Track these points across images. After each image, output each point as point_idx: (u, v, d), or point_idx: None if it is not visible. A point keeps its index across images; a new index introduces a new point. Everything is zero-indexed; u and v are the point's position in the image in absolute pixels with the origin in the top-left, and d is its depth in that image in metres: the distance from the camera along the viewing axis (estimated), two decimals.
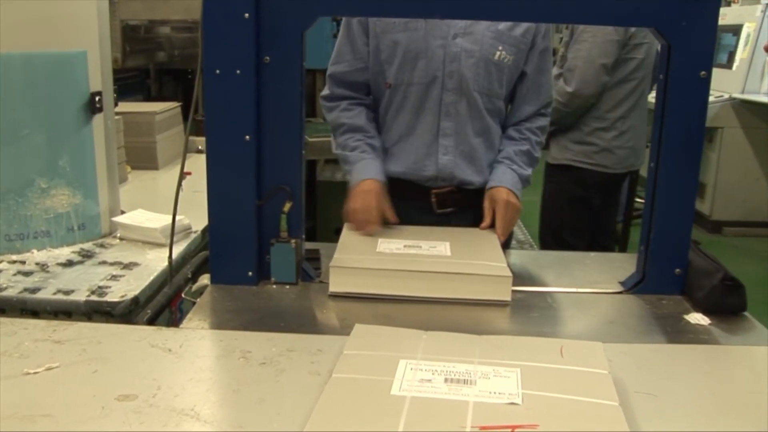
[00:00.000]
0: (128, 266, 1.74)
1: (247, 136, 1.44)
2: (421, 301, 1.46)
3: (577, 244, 3.09)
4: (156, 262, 1.77)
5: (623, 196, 3.53)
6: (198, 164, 1.66)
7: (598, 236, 3.23)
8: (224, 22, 1.40)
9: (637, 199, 3.70)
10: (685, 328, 1.37)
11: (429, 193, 1.90)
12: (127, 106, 2.78)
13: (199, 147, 2.82)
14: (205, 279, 1.53)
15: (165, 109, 2.91)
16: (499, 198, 1.78)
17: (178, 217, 1.57)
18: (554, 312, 1.45)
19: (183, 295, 1.52)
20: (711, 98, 1.76)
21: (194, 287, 1.54)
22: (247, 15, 1.39)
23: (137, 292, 1.58)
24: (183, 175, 1.51)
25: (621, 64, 2.92)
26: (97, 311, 1.54)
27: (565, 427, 0.93)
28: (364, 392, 1.01)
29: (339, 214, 1.82)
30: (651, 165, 1.49)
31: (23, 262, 1.75)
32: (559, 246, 3.08)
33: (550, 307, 1.47)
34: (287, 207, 1.50)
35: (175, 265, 1.63)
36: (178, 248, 1.83)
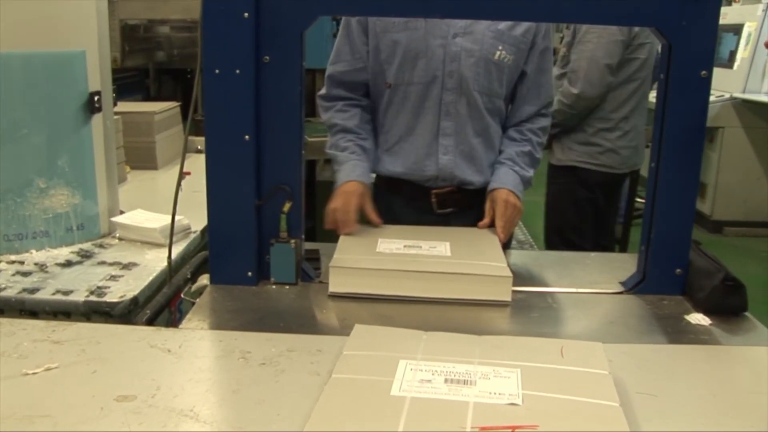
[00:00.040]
0: (127, 266, 1.74)
1: (247, 136, 1.44)
2: (421, 301, 1.46)
3: (584, 245, 3.09)
4: (155, 262, 1.77)
5: (622, 196, 3.53)
6: (197, 164, 1.65)
7: (598, 236, 3.23)
8: (224, 21, 1.39)
9: (638, 199, 3.70)
10: (685, 329, 1.36)
11: (429, 193, 1.90)
12: (126, 106, 2.78)
13: (199, 147, 2.81)
14: (204, 279, 1.53)
15: (164, 108, 2.91)
16: (500, 199, 1.78)
17: (178, 217, 1.57)
18: (555, 312, 1.45)
19: (182, 296, 1.52)
20: (712, 98, 1.75)
21: (193, 287, 1.53)
22: (246, 14, 1.39)
23: (136, 292, 1.58)
24: (182, 175, 1.51)
25: (625, 64, 2.91)
26: (96, 311, 1.54)
27: (566, 428, 0.93)
28: (364, 393, 1.01)
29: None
30: (652, 165, 1.49)
31: (22, 263, 1.75)
32: (567, 247, 3.07)
33: (551, 307, 1.47)
34: (287, 207, 1.50)
35: (175, 266, 1.63)
36: (178, 248, 1.82)
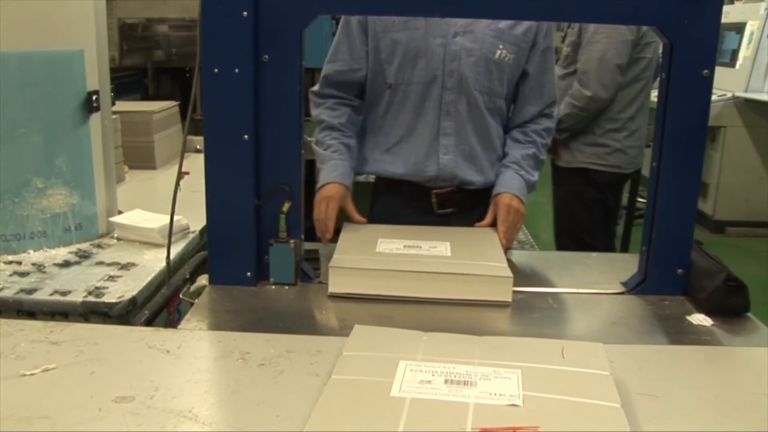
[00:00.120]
0: (126, 267, 1.74)
1: (246, 136, 1.44)
2: (421, 301, 1.45)
3: (596, 245, 3.09)
4: (154, 262, 1.76)
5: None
6: (196, 164, 1.65)
7: (606, 236, 3.22)
8: (223, 20, 1.39)
9: (639, 199, 3.69)
10: (687, 329, 1.36)
11: (429, 193, 1.89)
12: (125, 105, 2.78)
13: (198, 146, 2.81)
14: (203, 279, 1.53)
15: (163, 108, 2.90)
16: (503, 203, 1.77)
17: (176, 217, 1.56)
18: (555, 313, 1.45)
19: (181, 296, 1.51)
20: (714, 97, 1.75)
21: (192, 288, 1.53)
22: (245, 13, 1.38)
23: (135, 292, 1.58)
24: (181, 174, 1.51)
25: (632, 63, 2.90)
26: (95, 312, 1.54)
27: (567, 429, 0.93)
28: (364, 394, 1.00)
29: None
30: (653, 164, 1.48)
31: (19, 263, 1.74)
32: (580, 248, 3.05)
33: (551, 307, 1.46)
34: (286, 207, 1.49)
35: (173, 266, 1.62)
36: (176, 248, 1.82)
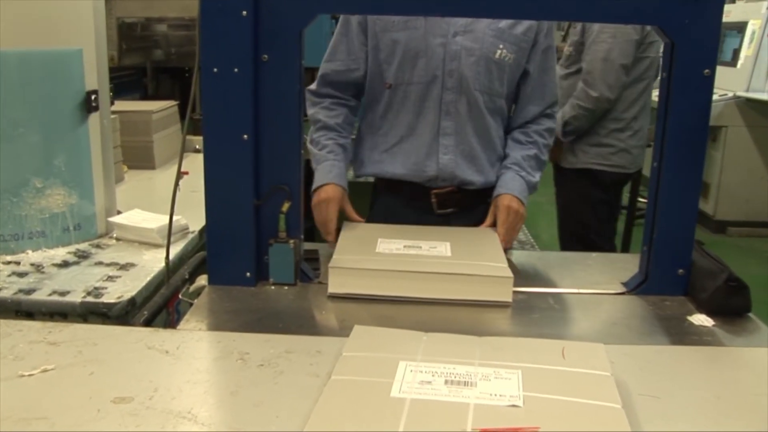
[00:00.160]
0: (125, 267, 1.73)
1: (245, 135, 1.43)
2: (421, 302, 1.45)
3: (604, 245, 3.08)
4: (153, 262, 1.76)
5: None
6: (195, 164, 1.65)
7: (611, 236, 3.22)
8: (222, 19, 1.38)
9: (640, 199, 3.68)
10: (688, 330, 1.35)
11: (429, 193, 1.89)
12: (124, 105, 2.78)
13: (197, 146, 2.80)
14: (202, 280, 1.52)
15: (162, 107, 2.90)
16: (503, 205, 1.77)
17: (176, 218, 1.56)
18: (556, 313, 1.44)
19: (180, 296, 1.51)
20: (715, 96, 1.74)
21: (191, 288, 1.53)
22: (245, 13, 1.38)
23: (134, 293, 1.58)
24: (180, 174, 1.50)
25: (636, 63, 2.89)
26: (93, 312, 1.53)
27: (567, 430, 0.92)
28: (364, 394, 1.00)
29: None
30: (654, 164, 1.48)
31: (18, 263, 1.74)
32: (588, 249, 3.04)
33: (552, 308, 1.46)
34: (286, 207, 1.49)
35: (173, 266, 1.62)
36: (176, 249, 1.82)
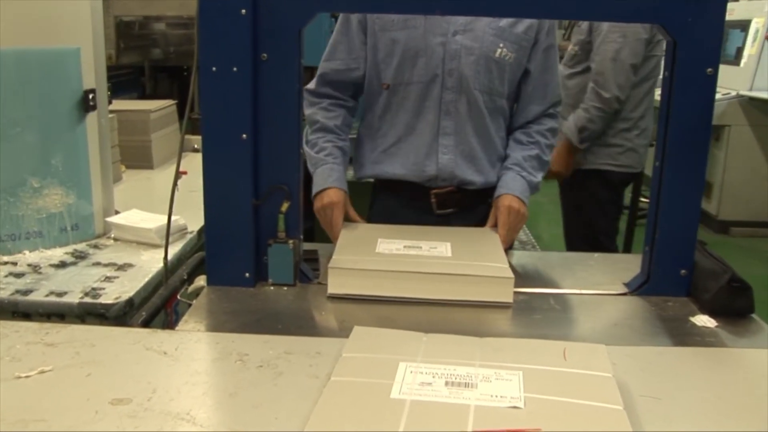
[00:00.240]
0: (122, 267, 1.73)
1: (244, 135, 1.43)
2: (421, 302, 1.44)
3: (611, 246, 3.08)
4: (151, 263, 1.75)
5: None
6: (194, 163, 1.65)
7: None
8: (221, 18, 1.38)
9: (642, 199, 3.68)
10: (691, 331, 1.35)
11: (429, 193, 1.88)
12: (122, 104, 2.78)
13: (195, 146, 2.79)
14: (201, 280, 1.52)
15: (160, 107, 2.89)
16: (503, 205, 1.76)
17: (174, 218, 1.55)
18: (557, 314, 1.44)
19: (178, 297, 1.51)
20: (718, 95, 1.73)
21: (190, 289, 1.52)
22: (243, 11, 1.38)
23: (132, 293, 1.58)
24: (178, 174, 1.50)
25: (644, 62, 2.86)
26: (91, 313, 1.53)
27: (568, 431, 0.92)
28: (363, 396, 1.00)
29: None
30: (656, 164, 1.47)
31: (15, 264, 1.73)
32: (594, 250, 3.04)
33: (553, 308, 1.46)
34: (285, 207, 1.48)
35: (171, 267, 1.62)
36: (174, 249, 1.82)
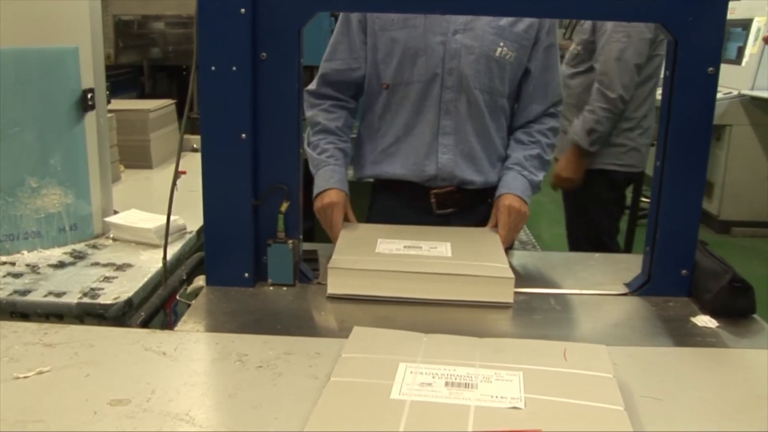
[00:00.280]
0: (121, 267, 1.72)
1: (244, 135, 1.43)
2: (421, 303, 1.44)
3: (613, 246, 3.08)
4: (150, 263, 1.75)
5: None
6: (193, 163, 1.65)
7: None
8: (220, 17, 1.38)
9: (643, 199, 3.68)
10: (692, 331, 1.35)
11: (428, 193, 1.88)
12: (120, 104, 2.77)
13: (194, 145, 2.79)
14: (200, 280, 1.52)
15: (159, 106, 2.89)
16: (504, 205, 1.75)
17: (173, 218, 1.54)
18: (557, 314, 1.44)
19: (178, 297, 1.51)
20: (719, 95, 1.73)
21: (189, 289, 1.52)
22: (243, 10, 1.37)
23: (131, 294, 1.57)
24: (178, 174, 1.49)
25: (647, 61, 2.86)
26: (90, 314, 1.53)
27: None
28: (363, 396, 0.99)
29: None
30: (657, 164, 1.47)
31: (13, 264, 1.73)
32: (597, 250, 3.04)
33: (554, 309, 1.45)
34: (284, 207, 1.48)
35: (170, 267, 1.62)
36: (173, 249, 1.82)
